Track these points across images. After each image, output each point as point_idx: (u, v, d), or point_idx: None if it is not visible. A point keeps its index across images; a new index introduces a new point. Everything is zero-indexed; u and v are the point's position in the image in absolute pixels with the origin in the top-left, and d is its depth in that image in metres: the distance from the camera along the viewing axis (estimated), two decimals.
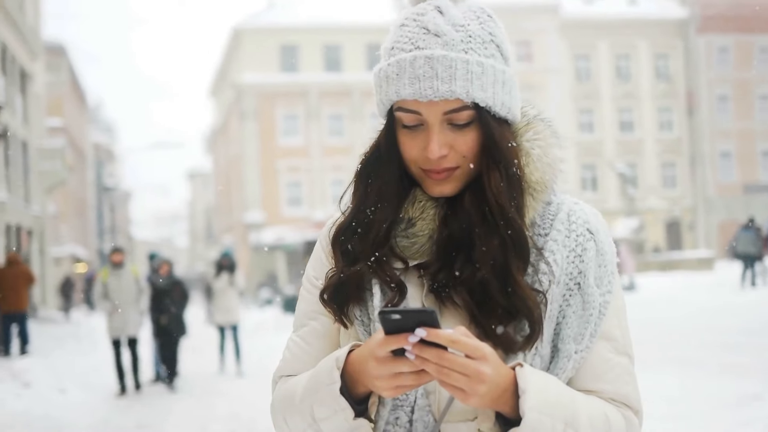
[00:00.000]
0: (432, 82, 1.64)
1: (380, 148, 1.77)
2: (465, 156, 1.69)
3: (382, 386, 1.55)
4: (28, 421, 11.51)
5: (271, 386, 1.90)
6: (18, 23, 41.34)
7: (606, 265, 1.74)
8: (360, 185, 1.78)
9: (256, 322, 27.84)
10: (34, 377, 14.29)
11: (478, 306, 1.66)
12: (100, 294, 14.46)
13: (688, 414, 9.64)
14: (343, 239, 1.77)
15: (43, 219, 42.86)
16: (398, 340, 1.49)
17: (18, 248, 35.31)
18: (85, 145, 70.67)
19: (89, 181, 71.41)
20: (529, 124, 1.80)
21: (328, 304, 1.77)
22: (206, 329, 24.67)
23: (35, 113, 45.58)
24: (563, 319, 1.70)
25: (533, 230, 1.74)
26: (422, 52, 1.66)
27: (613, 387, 1.72)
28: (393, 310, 1.47)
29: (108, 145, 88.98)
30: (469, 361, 1.49)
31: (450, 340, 1.47)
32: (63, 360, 17.52)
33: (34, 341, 21.49)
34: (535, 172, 1.74)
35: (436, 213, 1.74)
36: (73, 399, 12.37)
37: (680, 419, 9.38)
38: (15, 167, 39.21)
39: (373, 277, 1.73)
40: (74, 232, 61.86)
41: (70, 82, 61.20)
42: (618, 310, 1.76)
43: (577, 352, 1.69)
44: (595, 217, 1.80)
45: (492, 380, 1.51)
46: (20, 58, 43.03)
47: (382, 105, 1.75)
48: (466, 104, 1.66)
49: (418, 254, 1.73)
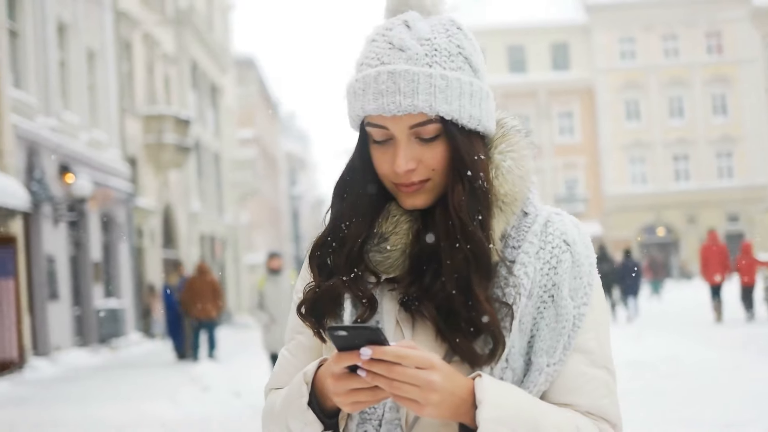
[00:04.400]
0: (395, 97, 1.64)
1: (354, 164, 1.78)
2: (434, 169, 1.68)
3: (341, 402, 1.56)
4: (206, 423, 11.90)
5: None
6: (207, 40, 42.82)
7: (582, 276, 1.70)
8: (336, 200, 1.80)
9: None
10: (212, 381, 14.77)
11: (444, 320, 1.65)
12: (256, 303, 14.24)
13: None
14: (319, 254, 1.79)
15: (236, 228, 44.32)
16: (350, 357, 1.50)
17: (212, 257, 36.62)
18: (278, 155, 72.66)
19: (282, 189, 73.37)
20: (504, 136, 1.78)
21: (305, 318, 1.79)
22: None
23: (226, 125, 47.16)
24: (537, 332, 1.68)
25: (506, 243, 1.72)
26: (386, 68, 1.66)
27: (588, 400, 1.67)
28: (339, 326, 1.49)
29: (301, 153, 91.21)
30: (418, 371, 1.49)
31: (396, 355, 1.48)
32: (241, 365, 18.05)
33: (222, 347, 22.29)
34: (505, 184, 1.71)
35: (409, 227, 1.73)
36: (247, 403, 12.72)
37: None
38: (207, 179, 40.74)
39: (346, 291, 1.74)
40: (268, 240, 63.70)
41: (260, 94, 63.13)
42: (596, 323, 1.71)
43: (550, 365, 1.66)
44: (575, 228, 1.75)
45: (444, 389, 1.51)
46: (210, 74, 44.61)
47: (352, 120, 1.76)
48: (431, 118, 1.66)
49: (392, 269, 1.73)
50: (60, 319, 24.31)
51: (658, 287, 39.88)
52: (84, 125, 27.88)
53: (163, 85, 37.76)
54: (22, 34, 23.79)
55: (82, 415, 13.15)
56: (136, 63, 34.44)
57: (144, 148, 34.54)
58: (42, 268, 23.31)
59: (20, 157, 22.55)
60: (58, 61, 26.22)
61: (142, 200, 33.14)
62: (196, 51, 42.57)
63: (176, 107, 37.75)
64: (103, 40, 30.24)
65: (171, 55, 38.96)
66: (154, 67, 36.66)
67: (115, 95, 31.18)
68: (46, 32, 25.02)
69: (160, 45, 37.15)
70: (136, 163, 33.58)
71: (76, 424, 12.51)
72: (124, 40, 32.96)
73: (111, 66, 30.89)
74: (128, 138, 32.65)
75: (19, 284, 20.67)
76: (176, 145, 34.81)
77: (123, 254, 30.87)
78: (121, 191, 29.93)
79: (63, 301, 24.78)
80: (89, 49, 29.16)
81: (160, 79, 37.33)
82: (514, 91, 61.97)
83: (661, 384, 12.73)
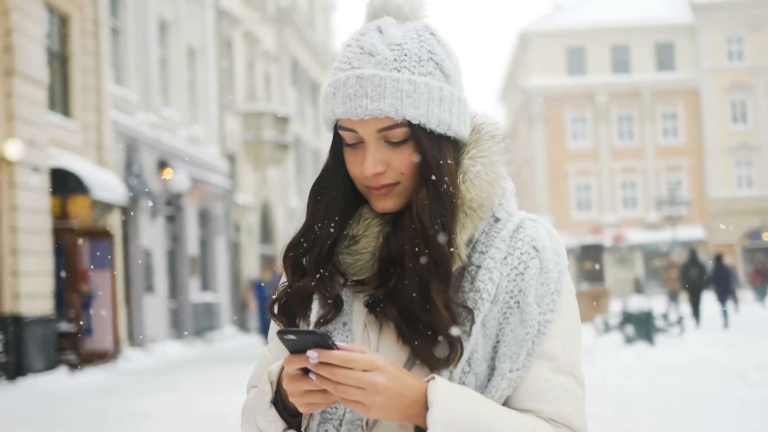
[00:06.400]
0: (361, 100, 1.66)
1: (329, 166, 1.81)
2: (402, 173, 1.70)
3: (296, 402, 1.60)
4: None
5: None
6: (308, 38, 43.18)
7: (549, 283, 1.69)
8: (311, 202, 1.83)
9: None
10: None
11: (405, 323, 1.66)
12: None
13: None
14: (291, 255, 1.81)
15: None
16: (300, 360, 1.52)
17: None
18: None
19: None
20: (477, 142, 1.79)
21: (277, 317, 1.82)
22: None
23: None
24: (502, 337, 1.68)
25: (474, 248, 1.73)
26: (354, 72, 1.69)
27: (551, 407, 1.66)
28: (289, 330, 1.51)
29: None
30: (362, 373, 1.51)
31: (341, 358, 1.50)
32: None
33: None
34: (472, 189, 1.72)
35: (380, 231, 1.76)
36: None
37: None
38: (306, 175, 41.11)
39: (315, 292, 1.76)
40: None
41: None
42: (564, 330, 1.70)
43: (512, 371, 1.65)
44: (548, 235, 1.75)
45: (390, 390, 1.52)
46: (311, 71, 44.99)
47: (326, 123, 1.79)
48: (398, 122, 1.67)
49: (361, 271, 1.75)
50: (156, 312, 24.82)
51: (764, 294, 38.81)
52: (183, 121, 28.39)
53: (263, 82, 38.21)
54: (124, 32, 24.33)
55: (172, 406, 13.42)
56: (237, 60, 34.92)
57: (243, 145, 35.01)
58: (139, 261, 23.83)
59: (120, 153, 23.07)
60: (159, 59, 26.76)
61: (240, 196, 33.59)
62: (297, 49, 42.98)
63: (276, 104, 38.17)
64: (204, 37, 30.75)
65: (271, 52, 39.41)
66: (254, 65, 37.13)
67: (214, 92, 31.67)
68: (148, 30, 25.54)
69: (261, 43, 37.60)
70: (234, 160, 34.04)
71: (164, 414, 12.77)
72: (225, 38, 33.44)
73: (211, 63, 31.39)
74: (227, 134, 33.13)
75: (115, 276, 21.14)
76: (275, 142, 35.21)
77: (220, 249, 31.34)
78: (219, 187, 30.37)
79: (159, 293, 25.29)
80: (190, 47, 29.68)
81: (260, 77, 37.79)
82: (617, 92, 61.18)
83: (751, 393, 12.33)
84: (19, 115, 17.17)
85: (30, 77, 17.66)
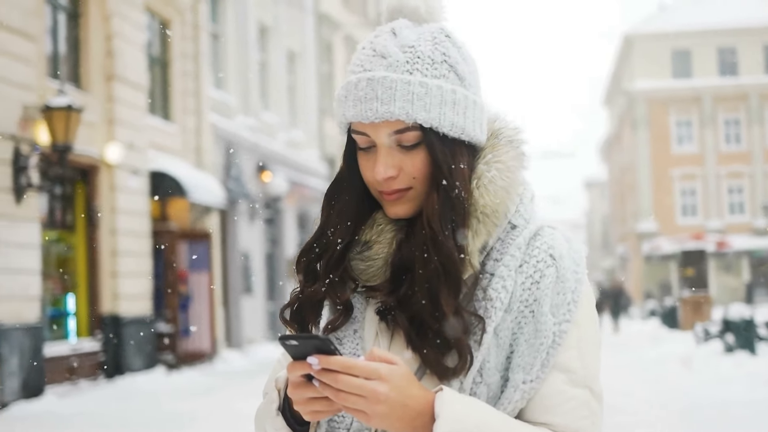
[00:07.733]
0: (372, 103, 1.64)
1: (342, 171, 1.79)
2: (415, 177, 1.67)
3: (301, 410, 1.57)
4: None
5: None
6: None
7: (566, 293, 1.64)
8: (325, 207, 1.80)
9: (631, 334, 27.30)
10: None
11: (415, 331, 1.63)
12: None
13: None
14: (304, 260, 1.79)
15: None
16: (302, 366, 1.50)
17: None
18: None
19: None
20: (494, 146, 1.74)
21: (288, 323, 1.79)
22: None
23: None
24: (516, 347, 1.63)
25: (489, 255, 1.69)
26: (366, 74, 1.66)
27: (565, 420, 1.61)
28: (291, 336, 1.49)
29: None
30: (365, 381, 1.47)
31: (342, 365, 1.47)
32: None
33: None
34: (486, 195, 1.68)
35: (393, 237, 1.73)
36: None
37: None
38: None
39: (326, 297, 1.74)
40: None
41: None
42: (581, 341, 1.64)
43: (526, 383, 1.61)
44: (566, 243, 1.69)
45: (393, 400, 1.49)
46: None
47: (339, 127, 1.77)
48: (410, 125, 1.64)
49: (374, 277, 1.72)
50: (253, 313, 25.08)
51: None
52: (283, 125, 28.65)
53: None
54: (224, 37, 24.65)
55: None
56: (337, 64, 35.14)
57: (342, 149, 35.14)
58: (237, 263, 24.09)
59: (219, 156, 23.36)
60: (258, 63, 27.05)
61: None
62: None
63: None
64: (304, 42, 31.01)
65: None
66: None
67: (314, 96, 31.92)
68: (248, 34, 25.85)
69: None
70: (333, 163, 34.22)
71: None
72: (324, 42, 33.68)
73: (311, 67, 31.63)
74: (326, 138, 33.35)
75: (213, 278, 21.41)
76: None
77: None
78: (318, 190, 30.54)
79: (257, 295, 25.55)
80: (290, 51, 29.95)
81: None
82: (724, 95, 59.91)
83: None
84: (119, 119, 17.51)
85: (130, 81, 18.00)
